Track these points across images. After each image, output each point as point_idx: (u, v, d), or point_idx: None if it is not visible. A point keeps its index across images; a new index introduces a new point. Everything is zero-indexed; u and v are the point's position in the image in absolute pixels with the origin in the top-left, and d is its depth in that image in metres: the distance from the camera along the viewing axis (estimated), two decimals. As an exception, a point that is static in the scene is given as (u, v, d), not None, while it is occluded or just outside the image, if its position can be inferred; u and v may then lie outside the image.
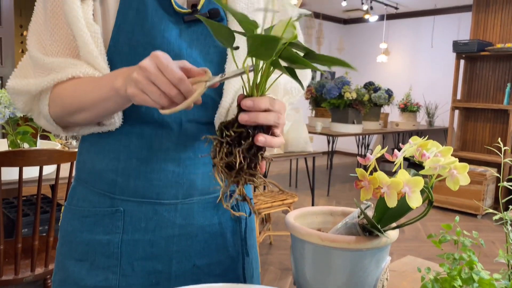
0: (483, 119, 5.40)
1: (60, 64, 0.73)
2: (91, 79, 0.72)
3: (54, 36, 0.75)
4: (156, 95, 0.60)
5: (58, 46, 0.75)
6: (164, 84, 0.59)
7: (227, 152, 0.60)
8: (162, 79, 0.59)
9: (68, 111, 0.75)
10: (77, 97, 0.72)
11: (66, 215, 0.82)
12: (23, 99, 0.78)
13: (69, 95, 0.73)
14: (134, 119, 0.76)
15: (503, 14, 5.14)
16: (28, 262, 1.88)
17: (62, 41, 0.75)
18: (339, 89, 5.24)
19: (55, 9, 0.76)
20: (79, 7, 0.72)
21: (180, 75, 0.60)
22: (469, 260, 0.65)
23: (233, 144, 0.61)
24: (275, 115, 0.63)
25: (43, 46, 0.76)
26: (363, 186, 0.66)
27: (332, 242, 0.67)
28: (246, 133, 0.61)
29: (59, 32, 0.75)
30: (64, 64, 0.73)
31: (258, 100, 0.60)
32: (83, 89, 0.71)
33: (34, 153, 1.68)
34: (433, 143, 0.70)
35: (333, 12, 8.13)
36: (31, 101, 0.79)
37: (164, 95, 0.60)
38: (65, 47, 0.75)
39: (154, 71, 0.59)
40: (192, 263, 0.80)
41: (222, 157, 0.60)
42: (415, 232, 4.12)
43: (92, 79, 0.72)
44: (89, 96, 0.71)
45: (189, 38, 0.77)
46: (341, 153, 8.69)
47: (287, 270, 3.12)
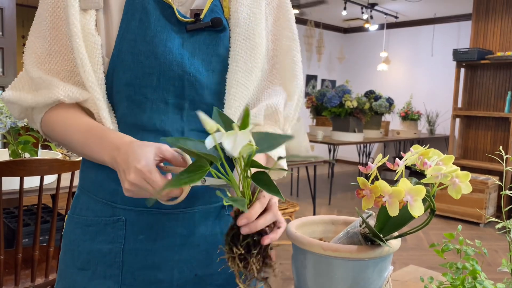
0: (484, 127, 5.39)
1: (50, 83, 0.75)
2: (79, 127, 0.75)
3: (53, 47, 0.77)
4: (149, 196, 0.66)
5: (56, 57, 0.77)
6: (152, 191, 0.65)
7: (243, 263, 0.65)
8: (150, 188, 0.65)
9: (59, 143, 0.80)
10: (67, 141, 0.77)
11: (69, 224, 0.82)
12: (18, 108, 0.81)
13: (59, 133, 0.78)
14: (136, 128, 0.77)
15: (503, 22, 5.16)
16: (28, 273, 1.87)
17: (61, 52, 0.77)
18: (340, 98, 5.24)
19: (55, 20, 0.77)
20: (78, 21, 0.73)
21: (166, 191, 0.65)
22: (472, 269, 0.65)
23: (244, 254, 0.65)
24: (271, 215, 0.67)
25: (39, 60, 0.77)
26: (364, 195, 0.66)
27: (334, 252, 0.67)
28: (253, 240, 0.65)
29: (58, 42, 0.77)
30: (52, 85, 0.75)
31: (250, 214, 0.64)
32: (72, 138, 0.76)
33: (35, 162, 1.68)
34: (434, 151, 0.70)
35: (334, 21, 8.18)
36: (25, 110, 0.81)
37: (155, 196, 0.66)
38: (63, 58, 0.77)
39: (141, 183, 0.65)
40: (194, 273, 0.79)
41: (239, 267, 0.65)
42: (417, 241, 4.09)
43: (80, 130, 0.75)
44: (78, 149, 0.76)
45: (192, 47, 0.78)
46: (343, 162, 8.68)
47: (288, 280, 3.09)
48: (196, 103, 0.78)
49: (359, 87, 8.09)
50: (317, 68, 8.38)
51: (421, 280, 0.72)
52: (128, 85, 0.75)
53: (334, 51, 8.63)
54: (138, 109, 0.76)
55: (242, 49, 0.79)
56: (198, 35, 0.78)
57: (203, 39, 0.78)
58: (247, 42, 0.80)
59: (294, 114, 0.88)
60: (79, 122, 0.75)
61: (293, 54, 0.88)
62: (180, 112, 0.78)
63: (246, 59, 0.79)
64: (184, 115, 0.78)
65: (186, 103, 0.78)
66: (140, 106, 0.76)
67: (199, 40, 0.78)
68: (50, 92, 0.75)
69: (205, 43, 0.79)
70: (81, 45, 0.73)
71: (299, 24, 7.60)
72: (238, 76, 0.79)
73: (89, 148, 0.73)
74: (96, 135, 0.73)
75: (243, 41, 0.79)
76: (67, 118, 0.76)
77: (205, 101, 0.79)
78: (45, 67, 0.77)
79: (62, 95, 0.75)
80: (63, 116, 0.76)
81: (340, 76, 8.76)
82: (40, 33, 0.78)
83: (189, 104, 0.78)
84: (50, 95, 0.75)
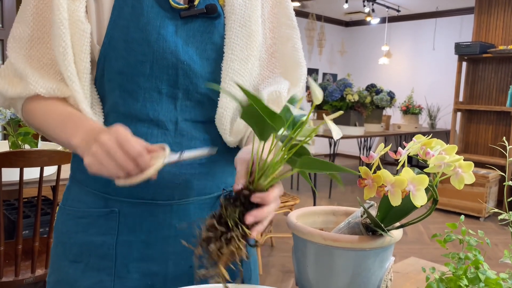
0: (485, 121, 5.38)
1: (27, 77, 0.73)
2: (60, 113, 0.72)
3: (35, 34, 0.75)
4: (113, 168, 0.60)
5: (39, 46, 0.75)
6: (122, 158, 0.59)
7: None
8: (119, 153, 0.59)
9: (38, 130, 0.77)
10: (45, 126, 0.74)
11: (60, 216, 0.81)
12: (1, 97, 0.79)
13: (38, 119, 0.75)
14: (129, 118, 0.75)
15: (506, 16, 5.13)
16: (28, 264, 1.87)
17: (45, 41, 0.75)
18: (341, 92, 5.22)
19: (40, 5, 0.75)
20: (64, 8, 0.71)
21: (139, 150, 0.60)
22: (475, 260, 0.64)
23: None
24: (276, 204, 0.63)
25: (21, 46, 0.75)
26: (366, 185, 0.65)
27: (335, 242, 0.66)
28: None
29: (41, 29, 0.75)
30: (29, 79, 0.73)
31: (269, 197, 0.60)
32: (50, 123, 0.73)
33: (34, 154, 1.67)
34: (437, 141, 0.69)
35: (335, 15, 8.13)
36: (9, 99, 0.79)
37: (120, 168, 0.60)
38: (46, 46, 0.75)
39: (112, 146, 0.60)
40: (189, 265, 0.79)
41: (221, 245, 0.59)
42: (417, 234, 4.10)
43: (60, 114, 0.72)
44: (53, 134, 0.72)
45: (186, 35, 0.76)
46: (343, 156, 8.67)
47: (288, 272, 3.10)
48: (190, 92, 0.76)
49: (360, 80, 8.06)
50: (318, 62, 8.34)
51: (423, 270, 0.72)
52: (120, 73, 0.73)
53: (335, 45, 8.59)
54: (131, 98, 0.74)
55: (238, 36, 0.77)
56: (192, 22, 0.76)
57: (197, 26, 0.77)
58: (243, 29, 0.78)
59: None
60: (60, 108, 0.73)
61: (294, 42, 0.86)
62: (173, 102, 0.76)
63: (242, 46, 0.77)
64: (178, 105, 0.76)
65: (179, 93, 0.76)
66: (133, 95, 0.74)
67: (194, 28, 0.76)
68: (30, 86, 0.73)
69: (199, 31, 0.77)
70: (65, 33, 0.71)
71: (300, 17, 7.56)
72: (234, 65, 0.77)
73: (62, 132, 0.70)
74: (73, 120, 0.70)
75: (238, 29, 0.78)
76: (48, 105, 0.74)
77: (199, 90, 0.77)
78: (26, 53, 0.75)
79: (42, 92, 0.73)
80: (44, 103, 0.74)
81: (341, 70, 8.73)
82: (23, 18, 0.75)
83: (183, 93, 0.76)
84: (29, 89, 0.73)
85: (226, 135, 0.79)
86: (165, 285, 0.77)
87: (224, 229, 0.59)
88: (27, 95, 0.74)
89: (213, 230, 0.59)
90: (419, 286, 0.88)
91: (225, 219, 0.59)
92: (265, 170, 0.61)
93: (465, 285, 0.63)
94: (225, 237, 0.59)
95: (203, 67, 0.77)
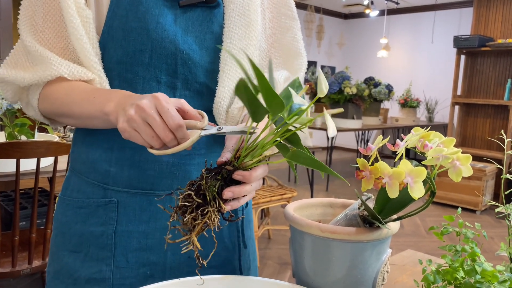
0: (483, 115, 5.38)
1: (48, 59, 0.71)
2: (85, 89, 0.70)
3: (47, 23, 0.74)
4: (149, 137, 0.58)
5: (50, 32, 0.74)
6: (160, 128, 0.57)
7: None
8: (159, 122, 0.56)
9: (56, 113, 0.74)
10: (67, 104, 0.70)
11: (60, 206, 0.81)
12: (12, 89, 0.77)
13: (59, 98, 0.71)
14: None
15: (505, 9, 5.11)
16: (25, 255, 1.88)
17: (54, 28, 0.74)
18: (339, 84, 5.22)
19: None
20: None
21: (179, 122, 0.57)
22: (472, 252, 0.64)
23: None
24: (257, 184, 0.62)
25: (35, 30, 0.74)
26: (364, 176, 0.65)
27: (332, 234, 0.66)
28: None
29: (51, 18, 0.74)
30: (51, 61, 0.71)
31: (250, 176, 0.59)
32: (75, 98, 0.69)
33: (31, 145, 1.66)
34: (435, 134, 0.69)
35: (334, 7, 8.09)
36: (20, 91, 0.78)
37: (157, 137, 0.58)
38: (57, 34, 0.74)
39: (152, 113, 0.56)
40: (187, 255, 0.79)
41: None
42: (414, 227, 4.12)
43: (85, 90, 0.69)
44: (79, 108, 0.69)
45: (185, 24, 0.75)
46: (341, 149, 8.68)
47: (285, 265, 3.11)
48: (189, 82, 0.76)
49: (358, 73, 8.04)
50: (317, 54, 8.32)
51: (420, 262, 0.72)
52: (119, 62, 0.73)
53: (334, 37, 8.56)
54: (130, 88, 0.74)
55: (237, 25, 0.77)
56: (191, 12, 0.76)
57: (196, 15, 0.76)
58: (241, 18, 0.78)
59: None
60: (84, 85, 0.71)
61: (294, 32, 0.86)
62: (172, 91, 0.76)
63: (240, 36, 0.77)
64: (177, 95, 0.76)
65: (179, 82, 0.76)
66: (132, 84, 0.74)
67: (193, 17, 0.76)
68: (51, 68, 0.70)
69: (198, 20, 0.76)
70: (76, 20, 0.70)
71: (299, 9, 7.52)
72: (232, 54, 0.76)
73: (91, 103, 0.66)
74: (103, 91, 0.68)
75: (237, 18, 0.77)
76: (71, 84, 0.71)
77: (198, 80, 0.77)
78: (41, 37, 0.73)
79: (66, 73, 0.70)
80: (66, 84, 0.72)
81: (339, 63, 8.71)
82: (33, 7, 0.74)
83: (182, 83, 0.76)
84: (51, 71, 0.70)
85: (222, 124, 0.79)
86: (164, 274, 0.78)
87: (201, 201, 0.58)
88: (49, 78, 0.71)
89: (190, 200, 0.58)
90: (415, 278, 0.88)
91: (204, 191, 0.58)
92: (252, 149, 0.60)
93: (461, 277, 0.63)
94: (201, 209, 0.58)
95: (202, 56, 0.76)
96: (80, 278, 0.76)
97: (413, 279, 0.89)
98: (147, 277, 0.77)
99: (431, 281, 0.66)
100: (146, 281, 0.76)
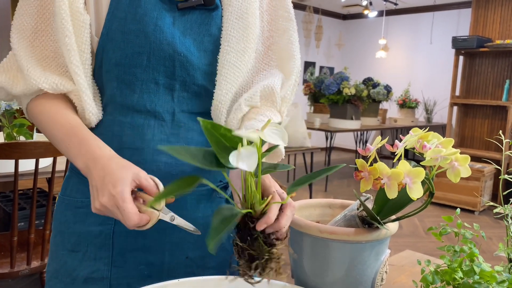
0: (481, 116, 5.39)
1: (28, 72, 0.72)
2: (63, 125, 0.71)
3: (39, 26, 0.74)
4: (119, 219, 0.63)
5: (43, 36, 0.74)
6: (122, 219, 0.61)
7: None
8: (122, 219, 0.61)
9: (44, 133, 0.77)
10: (49, 136, 0.74)
11: (59, 206, 0.81)
12: (5, 93, 0.78)
13: (42, 124, 0.75)
14: (126, 109, 0.75)
15: (503, 10, 5.12)
16: (24, 256, 1.87)
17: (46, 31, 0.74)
18: (338, 85, 5.22)
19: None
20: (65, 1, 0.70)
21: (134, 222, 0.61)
22: (470, 252, 0.64)
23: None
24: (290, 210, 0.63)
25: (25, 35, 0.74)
26: (363, 177, 0.65)
27: (331, 234, 0.66)
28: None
29: (44, 22, 0.74)
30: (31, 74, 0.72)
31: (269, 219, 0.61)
32: (55, 134, 0.72)
33: (30, 145, 1.66)
34: (434, 134, 0.69)
35: (333, 8, 8.10)
36: (11, 96, 0.78)
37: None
38: (49, 38, 0.74)
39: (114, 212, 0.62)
40: (185, 255, 0.79)
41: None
42: (413, 228, 4.12)
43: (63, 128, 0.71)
44: (58, 146, 0.72)
45: (183, 27, 0.76)
46: (339, 149, 8.69)
47: (284, 265, 3.11)
48: (187, 84, 0.76)
49: (357, 74, 8.05)
50: (316, 55, 8.33)
51: (418, 263, 0.72)
52: (117, 64, 0.73)
53: (332, 38, 8.57)
54: (128, 90, 0.74)
55: (235, 28, 0.77)
56: (189, 14, 0.76)
57: (195, 18, 0.77)
58: (239, 21, 0.78)
59: (290, 95, 0.87)
60: (63, 119, 0.72)
61: (290, 34, 0.86)
62: (171, 93, 0.76)
63: (238, 38, 0.77)
64: (175, 96, 0.76)
65: (177, 84, 0.76)
66: (130, 86, 0.74)
67: (191, 19, 0.76)
68: (32, 81, 0.72)
69: (197, 23, 0.77)
70: (67, 25, 0.70)
71: (298, 9, 7.53)
72: (230, 57, 0.77)
73: (66, 150, 0.70)
74: (76, 138, 0.70)
75: (235, 20, 0.78)
76: (51, 112, 0.73)
77: (196, 82, 0.77)
78: (29, 44, 0.74)
79: (46, 87, 0.72)
80: (48, 108, 0.74)
81: (338, 63, 8.72)
82: (26, 11, 0.75)
83: (180, 85, 0.76)
84: (32, 85, 0.72)
85: None
86: (162, 275, 0.78)
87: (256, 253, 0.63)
88: (30, 92, 0.74)
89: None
90: (414, 279, 0.88)
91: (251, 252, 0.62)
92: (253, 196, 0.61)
93: (460, 278, 0.63)
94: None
95: (200, 58, 0.77)
96: (78, 277, 0.76)
97: (411, 279, 0.89)
98: (145, 277, 0.77)
99: (430, 281, 0.66)
100: (144, 281, 0.77)
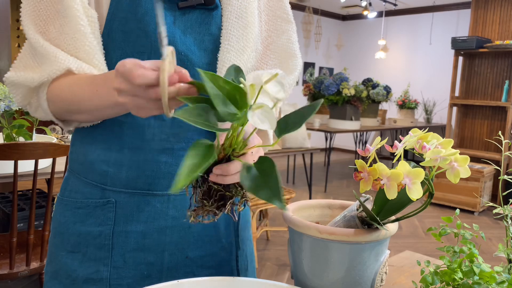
0: (481, 116, 5.40)
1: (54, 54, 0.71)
2: (87, 81, 0.68)
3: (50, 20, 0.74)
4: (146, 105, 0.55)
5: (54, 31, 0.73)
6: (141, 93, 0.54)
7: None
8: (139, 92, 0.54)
9: (68, 112, 0.73)
10: (77, 102, 0.69)
11: (58, 206, 0.81)
12: (22, 92, 0.76)
13: (67, 99, 0.71)
14: None
15: (502, 11, 5.13)
16: (23, 257, 1.87)
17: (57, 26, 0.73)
18: (338, 86, 5.22)
19: None
20: None
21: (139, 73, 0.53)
22: (470, 253, 0.64)
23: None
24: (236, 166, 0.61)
25: (40, 28, 0.73)
26: (362, 178, 0.65)
27: (331, 235, 0.66)
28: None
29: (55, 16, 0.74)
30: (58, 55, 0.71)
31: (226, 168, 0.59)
32: (81, 94, 0.68)
33: (29, 146, 1.66)
34: (433, 135, 0.69)
35: (332, 8, 8.11)
36: (30, 94, 0.77)
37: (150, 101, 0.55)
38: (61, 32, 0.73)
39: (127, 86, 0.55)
40: (185, 255, 0.79)
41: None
42: (412, 228, 4.12)
43: (85, 83, 0.68)
44: (88, 103, 0.68)
45: (184, 26, 0.76)
46: (339, 150, 8.69)
47: (284, 266, 3.11)
48: None
49: (356, 75, 8.06)
50: (315, 56, 8.33)
51: (418, 264, 0.72)
52: None
53: (332, 39, 8.57)
54: None
55: (234, 27, 0.78)
56: (190, 13, 0.77)
57: (195, 17, 0.77)
58: (239, 20, 0.78)
59: (289, 86, 0.88)
60: (81, 78, 0.70)
61: (289, 35, 0.87)
62: None
63: (238, 37, 0.78)
64: None
65: None
66: None
67: (191, 19, 0.77)
68: (59, 62, 0.70)
69: (197, 22, 0.77)
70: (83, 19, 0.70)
71: (297, 10, 7.53)
72: (230, 55, 0.77)
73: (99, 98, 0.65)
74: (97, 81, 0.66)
75: (235, 20, 0.78)
76: (70, 81, 0.71)
77: None
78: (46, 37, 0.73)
79: (74, 66, 0.70)
80: (66, 81, 0.71)
81: (338, 64, 8.72)
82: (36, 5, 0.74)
83: None
84: (59, 65, 0.70)
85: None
86: (161, 275, 0.78)
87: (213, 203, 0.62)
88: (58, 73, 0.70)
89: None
90: (414, 280, 0.88)
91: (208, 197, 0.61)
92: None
93: (459, 278, 0.63)
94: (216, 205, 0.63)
95: (201, 57, 0.77)
96: (78, 278, 0.76)
97: (411, 280, 0.89)
98: (144, 278, 0.77)
99: (430, 282, 0.66)
100: (144, 281, 0.77)
